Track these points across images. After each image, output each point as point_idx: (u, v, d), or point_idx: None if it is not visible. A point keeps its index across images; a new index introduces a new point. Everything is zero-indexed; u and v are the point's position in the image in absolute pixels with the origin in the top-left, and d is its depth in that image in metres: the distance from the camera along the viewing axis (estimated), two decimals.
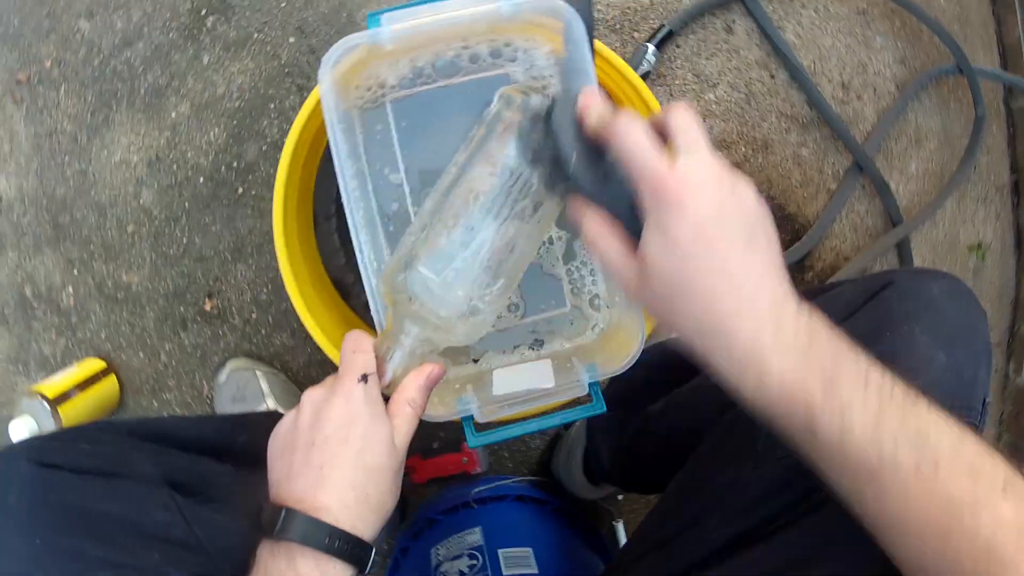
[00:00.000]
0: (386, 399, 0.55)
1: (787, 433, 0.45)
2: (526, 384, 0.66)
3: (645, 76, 1.07)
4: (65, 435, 0.63)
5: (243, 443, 0.74)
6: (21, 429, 0.99)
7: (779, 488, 0.56)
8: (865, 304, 0.58)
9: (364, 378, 0.53)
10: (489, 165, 0.56)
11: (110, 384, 1.10)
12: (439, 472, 1.10)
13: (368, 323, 0.89)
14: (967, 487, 0.40)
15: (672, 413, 0.79)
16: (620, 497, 1.15)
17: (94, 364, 1.11)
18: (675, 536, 0.62)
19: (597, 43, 0.69)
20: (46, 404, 1.00)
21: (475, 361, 0.73)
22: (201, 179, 1.09)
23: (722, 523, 0.58)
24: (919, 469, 0.40)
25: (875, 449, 0.41)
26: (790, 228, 1.16)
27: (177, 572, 0.55)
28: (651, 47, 1.05)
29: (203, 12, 1.08)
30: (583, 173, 0.51)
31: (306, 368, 1.11)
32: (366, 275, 0.60)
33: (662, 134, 0.49)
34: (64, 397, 1.02)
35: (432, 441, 1.12)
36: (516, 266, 0.59)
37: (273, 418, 0.57)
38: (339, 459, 0.50)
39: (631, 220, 0.49)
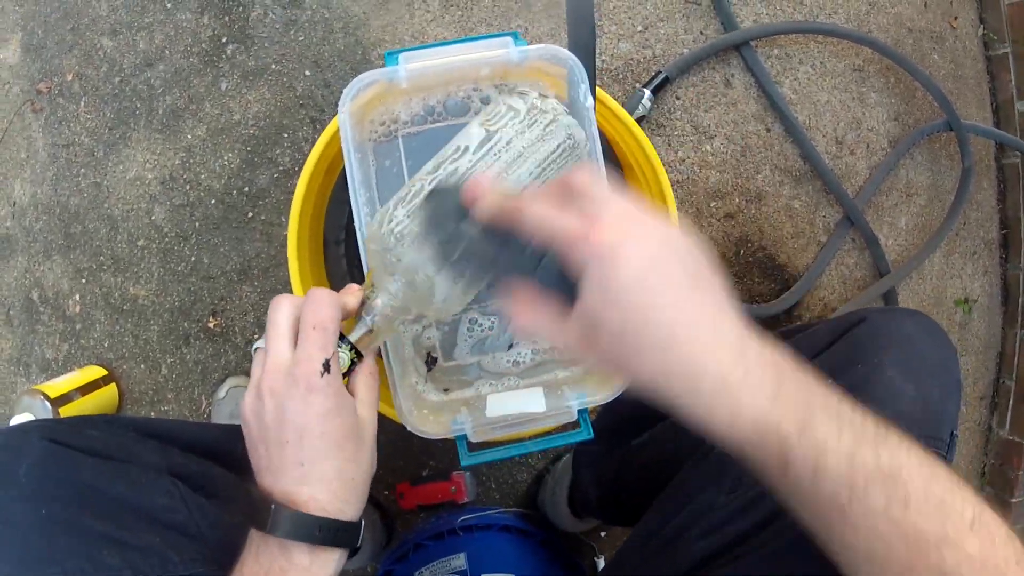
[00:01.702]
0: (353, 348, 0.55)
1: (759, 469, 0.44)
2: (518, 408, 0.68)
3: (641, 120, 1.11)
4: (73, 421, 0.65)
5: (243, 451, 0.76)
6: None
7: (748, 512, 0.58)
8: (837, 340, 0.60)
9: (326, 366, 0.50)
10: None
11: (110, 392, 1.13)
12: (427, 499, 1.12)
13: None
14: (935, 524, 0.41)
15: (655, 445, 0.81)
16: (603, 533, 1.17)
17: (96, 371, 1.13)
18: (654, 555, 0.65)
19: (598, 90, 0.73)
20: (47, 403, 1.02)
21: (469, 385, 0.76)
22: (213, 201, 1.12)
23: (694, 543, 0.60)
24: (889, 508, 0.41)
25: (847, 489, 0.41)
26: (780, 278, 1.19)
27: (177, 556, 0.57)
28: (647, 92, 1.09)
29: (223, 40, 1.12)
30: (483, 261, 0.50)
31: None
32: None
33: (565, 200, 0.47)
34: (65, 399, 1.04)
35: (422, 469, 1.14)
36: None
37: None
38: (320, 452, 0.50)
39: (558, 284, 0.47)
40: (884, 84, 1.22)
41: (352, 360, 0.55)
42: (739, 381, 0.42)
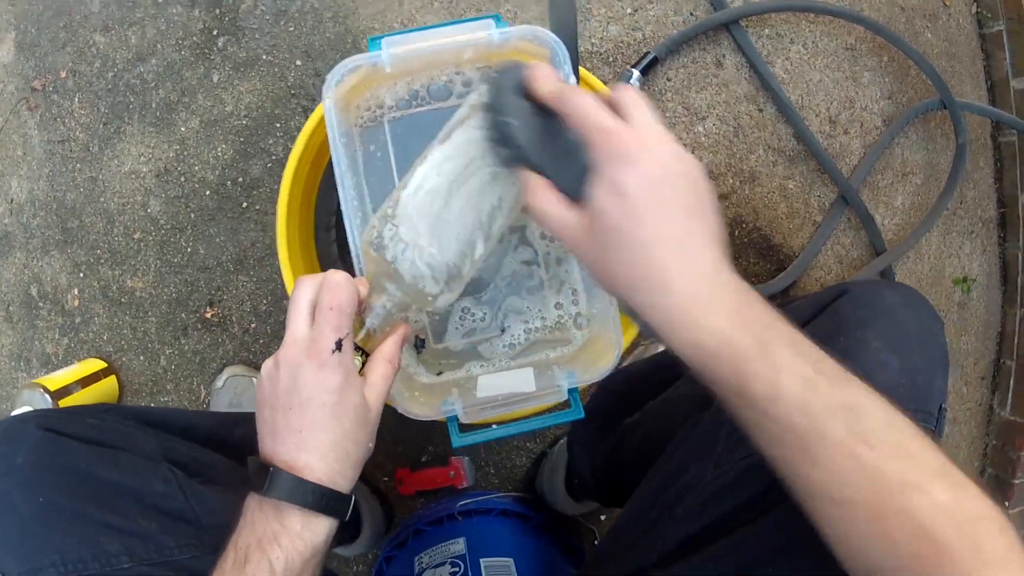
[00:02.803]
0: (359, 348, 0.58)
1: (719, 392, 0.46)
2: (508, 388, 0.69)
3: None
4: (72, 410, 0.67)
5: (239, 437, 0.77)
6: None
7: (735, 488, 0.57)
8: (820, 312, 0.60)
9: (339, 345, 0.53)
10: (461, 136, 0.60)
11: (110, 384, 1.13)
12: (426, 485, 1.12)
13: None
14: (899, 467, 0.40)
15: (646, 424, 0.81)
16: (603, 516, 1.17)
17: (95, 364, 1.14)
18: (640, 536, 0.65)
19: (581, 70, 0.73)
20: (47, 396, 1.03)
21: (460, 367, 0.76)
22: (207, 192, 1.13)
23: (681, 520, 0.60)
24: (849, 442, 0.41)
25: (804, 417, 0.41)
26: (775, 258, 1.19)
27: (173, 541, 0.58)
28: (635, 72, 1.09)
29: (214, 32, 1.12)
30: (525, 139, 0.52)
31: None
32: (359, 275, 0.64)
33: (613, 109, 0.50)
34: (65, 392, 1.05)
35: (421, 455, 1.15)
36: (488, 229, 0.61)
37: None
38: (319, 423, 0.53)
39: (575, 185, 0.51)
40: (877, 63, 1.22)
41: (360, 359, 0.58)
42: (705, 298, 0.45)
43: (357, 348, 0.57)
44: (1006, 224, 1.33)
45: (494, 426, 0.71)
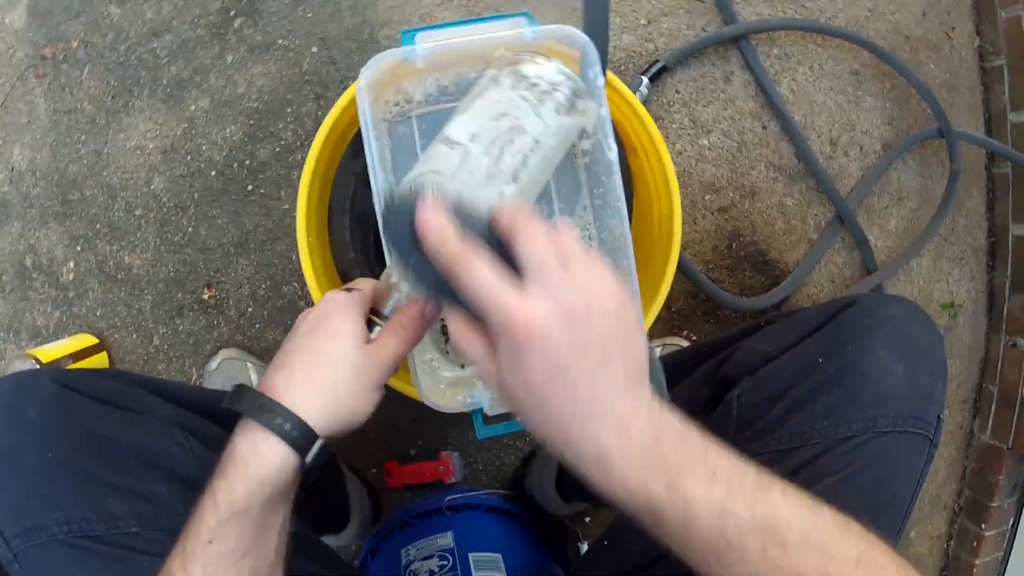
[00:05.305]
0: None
1: (636, 521, 0.46)
2: None
3: None
4: (85, 370, 0.65)
5: None
6: None
7: None
8: (828, 321, 0.62)
9: (347, 290, 0.57)
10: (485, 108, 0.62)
11: (101, 360, 1.12)
12: (414, 479, 1.12)
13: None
14: (816, 565, 0.42)
15: None
16: (588, 519, 1.18)
17: (87, 339, 1.13)
18: (636, 536, 0.66)
19: (608, 74, 0.74)
20: (38, 368, 1.01)
21: None
22: (213, 173, 1.12)
23: None
24: (766, 551, 0.42)
25: (720, 537, 0.43)
26: (770, 273, 1.21)
27: (183, 507, 0.57)
28: (645, 79, 1.11)
29: (231, 13, 1.12)
30: (428, 280, 0.50)
31: None
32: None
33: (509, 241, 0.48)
34: (56, 365, 1.04)
35: (410, 448, 1.15)
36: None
37: None
38: (301, 346, 0.54)
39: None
40: (880, 89, 1.24)
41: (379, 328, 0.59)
42: (615, 454, 0.45)
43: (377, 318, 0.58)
44: (995, 253, 1.36)
45: (517, 419, 0.71)
